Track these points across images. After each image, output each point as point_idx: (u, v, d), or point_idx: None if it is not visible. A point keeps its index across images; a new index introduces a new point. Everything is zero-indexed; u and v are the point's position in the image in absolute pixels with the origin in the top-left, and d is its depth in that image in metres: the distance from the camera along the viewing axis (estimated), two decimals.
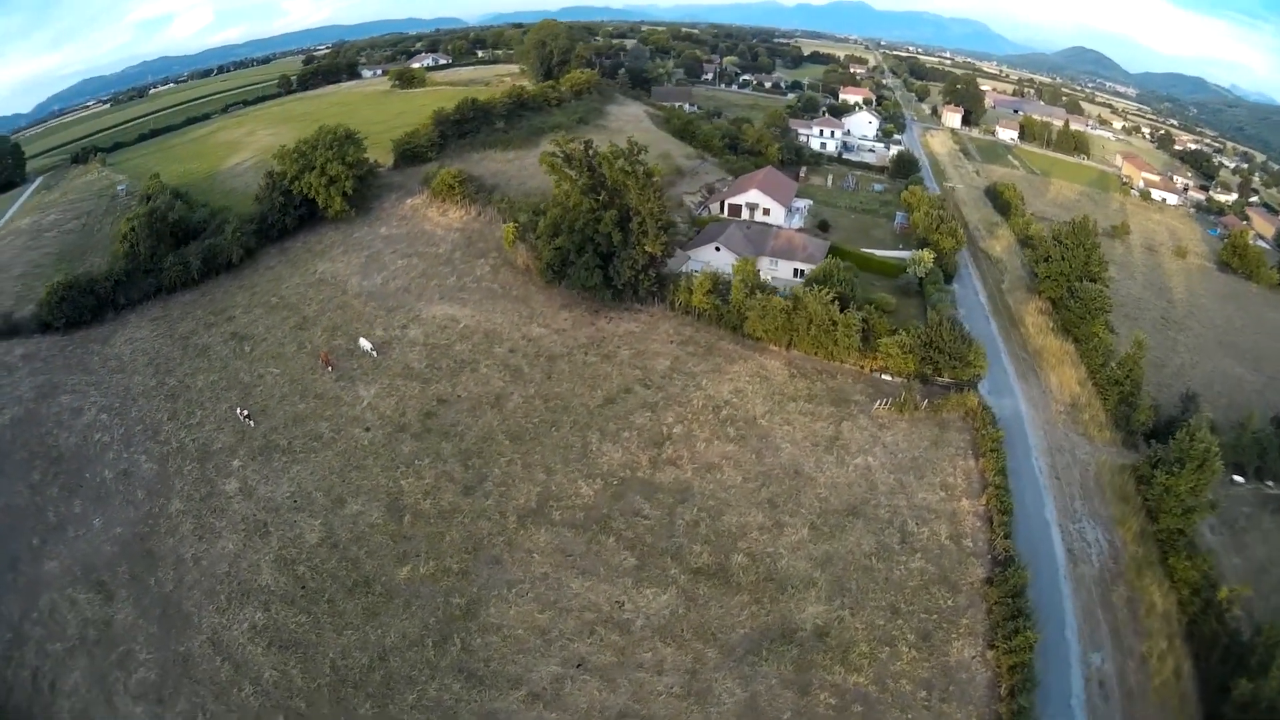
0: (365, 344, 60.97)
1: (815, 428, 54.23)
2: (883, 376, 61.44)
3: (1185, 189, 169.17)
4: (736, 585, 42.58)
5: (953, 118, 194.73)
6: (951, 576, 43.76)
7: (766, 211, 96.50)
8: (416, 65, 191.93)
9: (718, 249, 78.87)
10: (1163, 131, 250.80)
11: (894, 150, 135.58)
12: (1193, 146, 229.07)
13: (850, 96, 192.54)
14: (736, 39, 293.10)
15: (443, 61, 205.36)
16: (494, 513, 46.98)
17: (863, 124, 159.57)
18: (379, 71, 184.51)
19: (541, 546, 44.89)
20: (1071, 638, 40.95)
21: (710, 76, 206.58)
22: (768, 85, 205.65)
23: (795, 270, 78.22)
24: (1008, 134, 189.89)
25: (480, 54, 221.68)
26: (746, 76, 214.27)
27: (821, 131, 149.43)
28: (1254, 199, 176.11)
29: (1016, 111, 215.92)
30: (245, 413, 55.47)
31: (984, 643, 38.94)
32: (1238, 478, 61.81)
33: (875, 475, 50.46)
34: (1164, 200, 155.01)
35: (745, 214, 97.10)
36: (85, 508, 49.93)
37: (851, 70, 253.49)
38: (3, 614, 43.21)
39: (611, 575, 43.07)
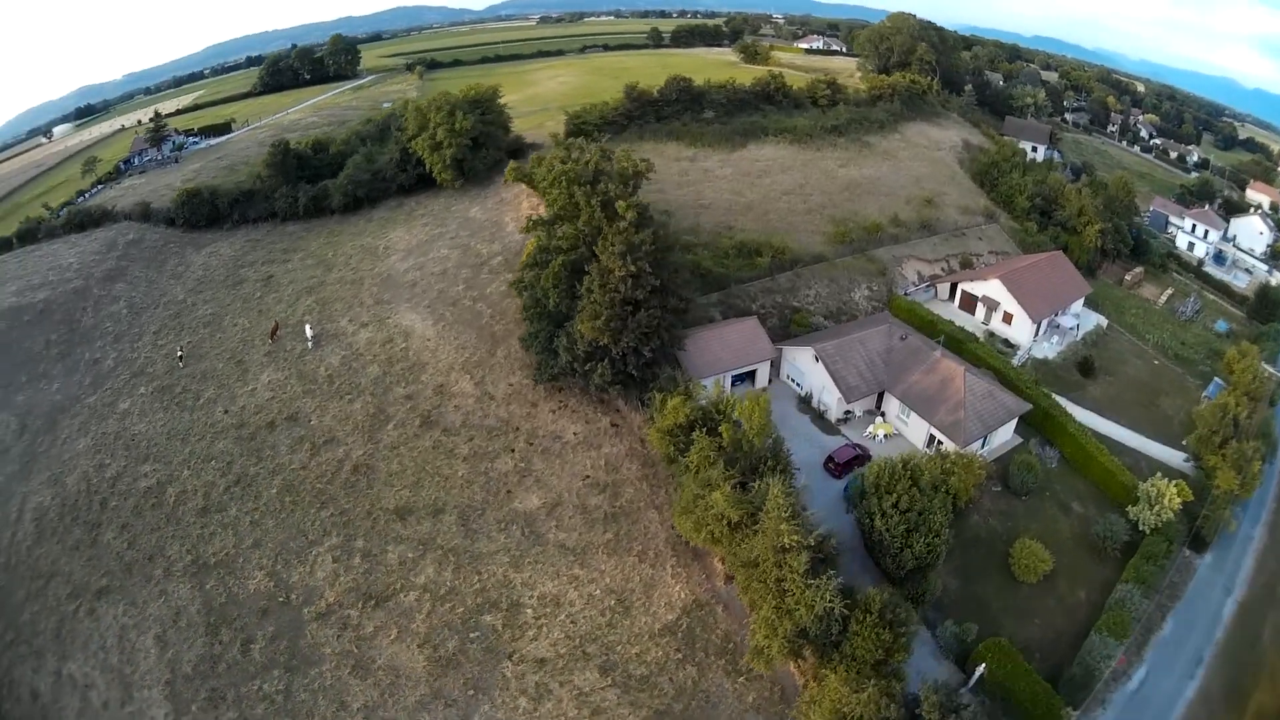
0: (308, 331, 73.15)
1: None
2: None
3: None
4: None
5: None
6: None
7: (1008, 318, 78.76)
8: (803, 45, 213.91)
9: (817, 359, 64.75)
10: None
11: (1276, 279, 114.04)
12: None
13: (1257, 195, 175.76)
14: (1180, 103, 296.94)
15: (835, 47, 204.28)
16: (174, 549, 54.25)
17: (1251, 231, 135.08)
18: (767, 44, 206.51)
19: (122, 623, 50.03)
20: None
21: (1114, 129, 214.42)
22: (1172, 155, 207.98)
23: (931, 437, 60.41)
24: None
25: None
26: (1156, 140, 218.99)
27: (1194, 227, 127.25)
28: None
29: None
30: (180, 352, 70.97)
31: None
32: None
33: None
34: None
35: (979, 312, 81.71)
36: (58, 372, 74.32)
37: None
38: None
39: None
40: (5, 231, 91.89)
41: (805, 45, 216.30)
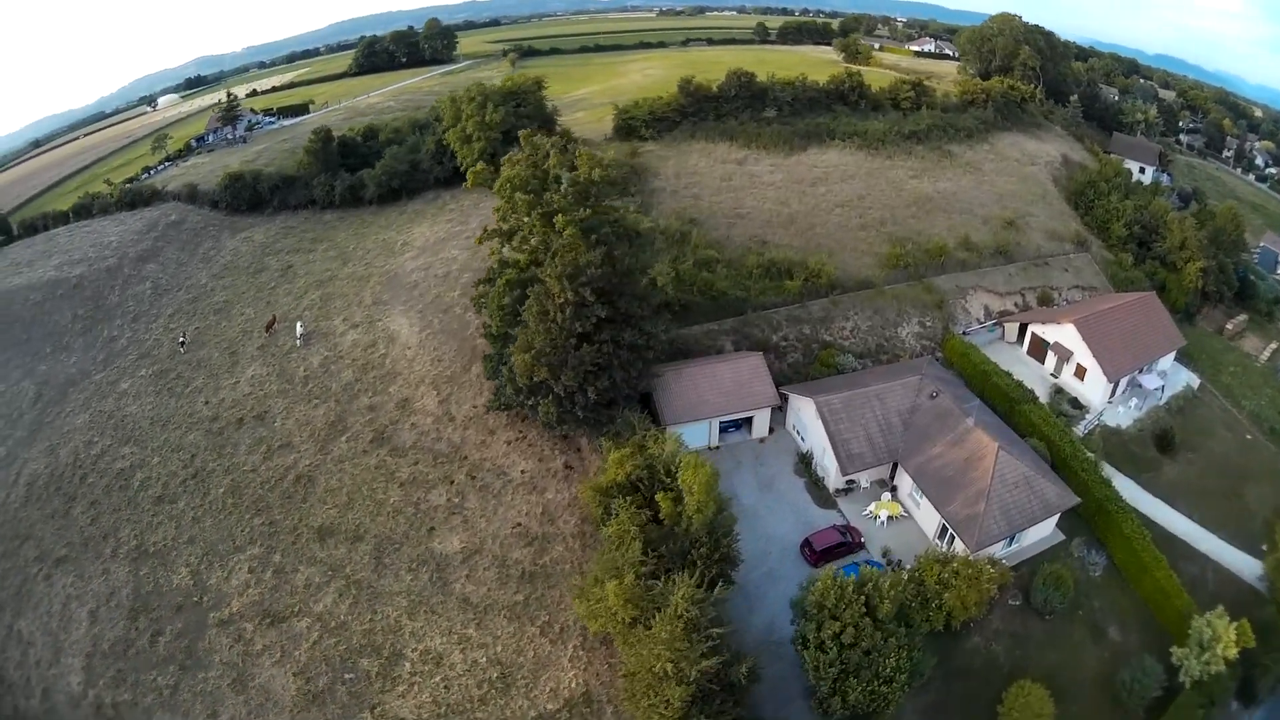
0: (298, 328, 71.89)
1: None
2: None
3: None
4: None
5: None
6: None
7: (1080, 373, 66.03)
8: (914, 48, 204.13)
9: (821, 416, 54.68)
10: None
11: None
12: None
13: None
14: None
15: (947, 51, 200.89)
16: (125, 532, 54.96)
17: None
18: (875, 45, 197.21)
19: (68, 592, 51.85)
20: None
21: (1229, 154, 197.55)
22: None
23: (944, 528, 50.34)
24: None
25: None
26: (1271, 169, 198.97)
27: None
28: None
29: None
30: (183, 338, 70.80)
31: None
32: None
33: None
34: None
35: (1049, 361, 70.04)
36: (78, 346, 77.21)
37: None
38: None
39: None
40: (64, 206, 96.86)
41: (916, 48, 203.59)
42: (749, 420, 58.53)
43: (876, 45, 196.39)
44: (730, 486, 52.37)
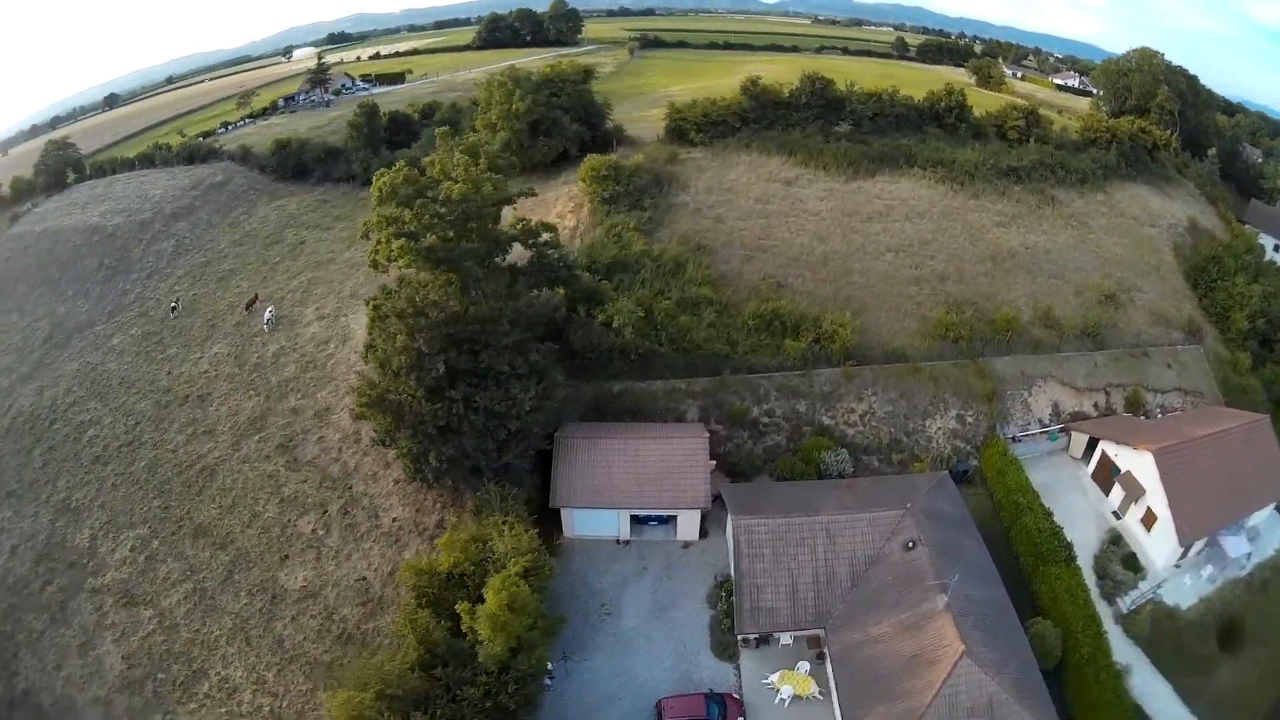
0: (269, 314, 70.58)
1: None
2: None
3: None
4: None
5: None
6: None
7: (1149, 521, 50.74)
8: (1057, 80, 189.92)
9: (735, 543, 42.64)
10: None
11: None
12: None
13: None
14: None
15: (1092, 88, 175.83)
16: (61, 483, 57.29)
17: None
18: (1017, 74, 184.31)
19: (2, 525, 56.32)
20: None
21: None
22: None
23: None
24: None
25: None
26: None
27: None
28: None
29: None
30: (175, 303, 70.70)
31: None
32: None
33: None
34: None
35: (1114, 495, 54.54)
36: (95, 294, 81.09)
37: None
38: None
39: None
40: (131, 153, 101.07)
41: (1060, 80, 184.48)
42: (675, 515, 46.93)
43: (1018, 74, 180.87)
44: (616, 600, 42.87)
